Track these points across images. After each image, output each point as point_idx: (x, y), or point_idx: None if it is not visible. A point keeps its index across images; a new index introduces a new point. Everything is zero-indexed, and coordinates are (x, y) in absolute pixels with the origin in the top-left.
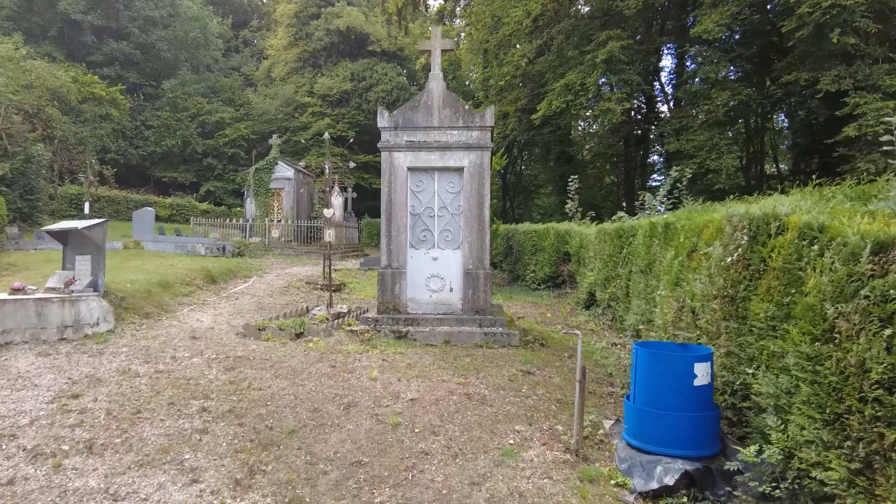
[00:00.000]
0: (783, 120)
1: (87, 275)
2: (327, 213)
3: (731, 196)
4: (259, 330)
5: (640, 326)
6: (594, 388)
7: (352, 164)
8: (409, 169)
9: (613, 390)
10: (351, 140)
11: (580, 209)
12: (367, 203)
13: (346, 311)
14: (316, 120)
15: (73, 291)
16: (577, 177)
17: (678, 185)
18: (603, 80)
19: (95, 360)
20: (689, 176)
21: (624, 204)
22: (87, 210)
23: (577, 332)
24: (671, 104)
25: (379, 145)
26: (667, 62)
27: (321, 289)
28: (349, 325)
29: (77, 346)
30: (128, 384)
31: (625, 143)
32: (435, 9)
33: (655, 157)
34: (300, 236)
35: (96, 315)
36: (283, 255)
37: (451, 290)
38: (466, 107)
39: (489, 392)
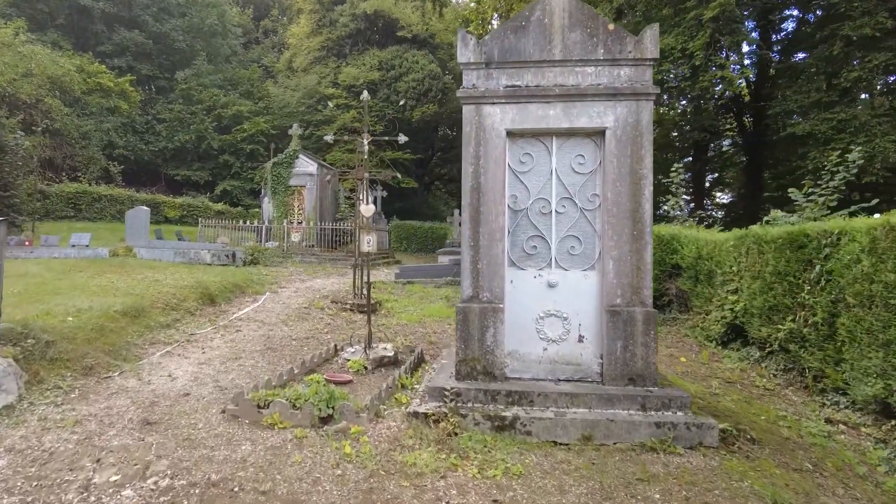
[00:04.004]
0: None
1: None
2: (364, 210)
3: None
4: (259, 408)
5: None
6: None
7: (402, 139)
8: (510, 134)
9: None
10: (370, 133)
11: (683, 207)
12: (394, 204)
13: (391, 353)
14: (341, 113)
15: None
16: (680, 166)
17: (844, 174)
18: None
19: None
20: (861, 161)
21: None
22: None
23: None
24: (752, 82)
25: (459, 94)
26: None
27: (350, 310)
28: (404, 386)
29: None
30: None
31: (700, 130)
32: None
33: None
34: (324, 240)
35: None
36: (305, 262)
37: (580, 339)
38: (610, 26)
39: None
